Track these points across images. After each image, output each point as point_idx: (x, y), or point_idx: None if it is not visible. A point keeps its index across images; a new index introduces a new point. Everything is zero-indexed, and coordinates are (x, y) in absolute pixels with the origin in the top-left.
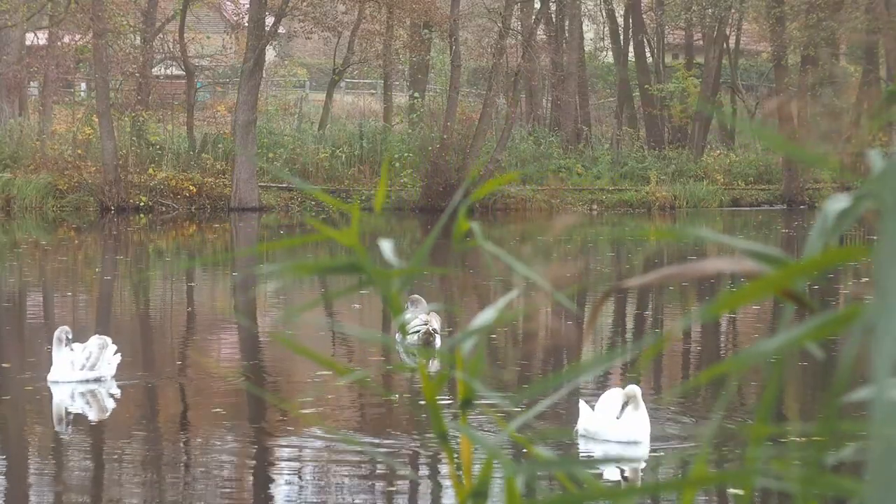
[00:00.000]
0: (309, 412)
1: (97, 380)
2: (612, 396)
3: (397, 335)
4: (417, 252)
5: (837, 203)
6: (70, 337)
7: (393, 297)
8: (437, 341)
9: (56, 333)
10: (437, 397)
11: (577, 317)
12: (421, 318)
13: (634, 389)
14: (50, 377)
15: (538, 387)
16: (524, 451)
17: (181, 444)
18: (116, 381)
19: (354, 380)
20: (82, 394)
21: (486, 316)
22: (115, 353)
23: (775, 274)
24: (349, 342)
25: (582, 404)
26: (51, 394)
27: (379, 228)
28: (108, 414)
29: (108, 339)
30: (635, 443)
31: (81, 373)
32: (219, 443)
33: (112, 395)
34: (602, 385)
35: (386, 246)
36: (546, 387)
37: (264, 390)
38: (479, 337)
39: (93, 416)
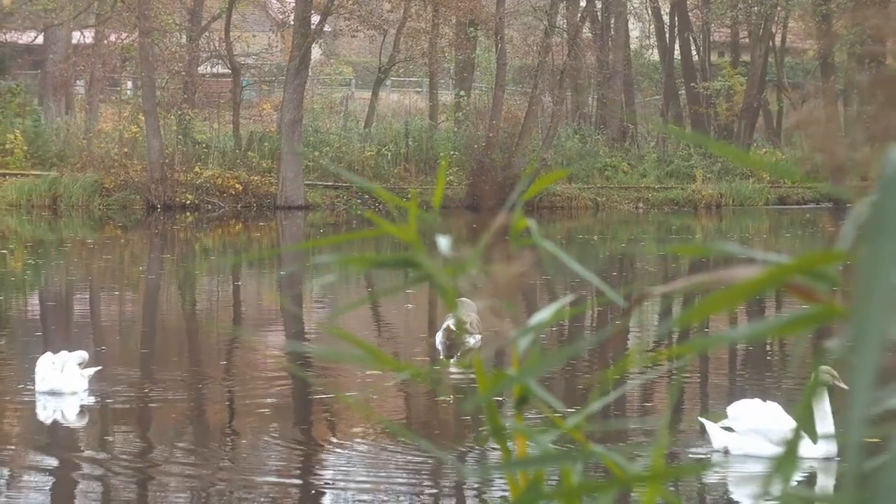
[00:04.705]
0: (363, 407)
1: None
2: (747, 408)
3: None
4: (475, 249)
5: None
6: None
7: (450, 292)
8: (472, 341)
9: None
10: (493, 395)
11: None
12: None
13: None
14: (47, 387)
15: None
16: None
17: (225, 445)
18: (160, 380)
19: (414, 376)
20: (130, 391)
21: (542, 315)
22: (86, 367)
23: (766, 272)
24: (392, 340)
25: (709, 425)
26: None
27: (432, 227)
28: (152, 413)
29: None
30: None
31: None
32: (264, 443)
33: (156, 394)
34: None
35: (443, 242)
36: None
37: (320, 381)
38: (535, 335)
39: (139, 414)
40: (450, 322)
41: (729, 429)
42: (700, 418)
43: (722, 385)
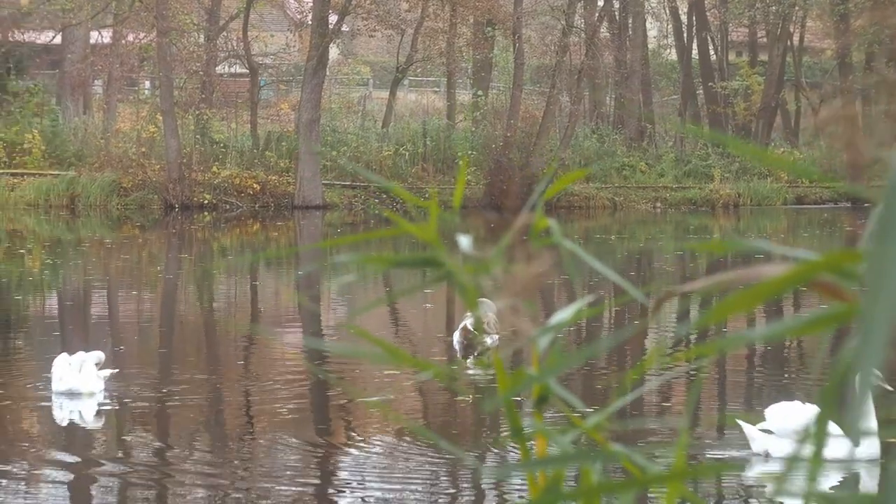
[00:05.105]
0: (384, 406)
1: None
2: (786, 410)
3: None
4: (497, 248)
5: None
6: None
7: (471, 291)
8: (489, 340)
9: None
10: (513, 395)
11: (644, 316)
12: (488, 315)
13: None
14: (65, 387)
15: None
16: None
17: (243, 446)
18: (178, 380)
19: (434, 376)
20: (148, 391)
21: (561, 315)
22: (103, 368)
23: (794, 269)
24: (410, 339)
25: (747, 427)
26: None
27: (451, 226)
28: (170, 414)
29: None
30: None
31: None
32: (282, 444)
33: (174, 395)
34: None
35: (464, 241)
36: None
37: (340, 380)
38: (554, 334)
39: (156, 415)
40: (468, 322)
41: (768, 431)
42: (738, 420)
43: (740, 384)
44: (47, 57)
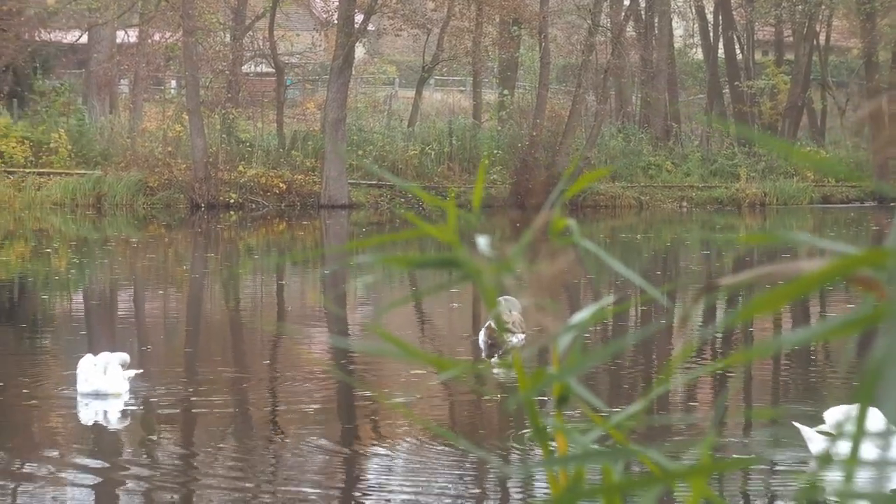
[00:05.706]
0: (401, 407)
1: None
2: (846, 413)
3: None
4: (516, 247)
5: None
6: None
7: (489, 291)
8: (515, 340)
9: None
10: (534, 394)
11: (669, 315)
12: (513, 315)
13: None
14: (90, 388)
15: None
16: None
17: (269, 448)
18: (204, 380)
19: (456, 375)
20: (173, 391)
21: (583, 314)
22: (128, 368)
23: (833, 263)
24: (435, 339)
25: (805, 430)
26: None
27: (473, 226)
28: (195, 416)
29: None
30: None
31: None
32: (309, 446)
33: (200, 396)
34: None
35: (482, 241)
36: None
37: (361, 380)
38: (576, 333)
39: (182, 416)
40: (492, 321)
41: (827, 433)
42: (795, 423)
43: (766, 381)
44: (73, 56)
